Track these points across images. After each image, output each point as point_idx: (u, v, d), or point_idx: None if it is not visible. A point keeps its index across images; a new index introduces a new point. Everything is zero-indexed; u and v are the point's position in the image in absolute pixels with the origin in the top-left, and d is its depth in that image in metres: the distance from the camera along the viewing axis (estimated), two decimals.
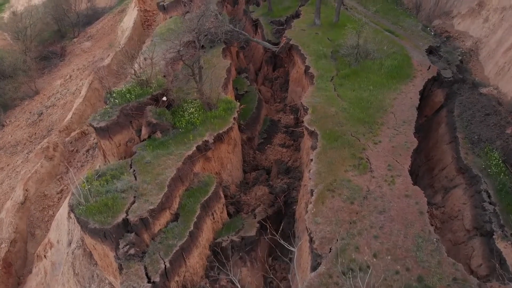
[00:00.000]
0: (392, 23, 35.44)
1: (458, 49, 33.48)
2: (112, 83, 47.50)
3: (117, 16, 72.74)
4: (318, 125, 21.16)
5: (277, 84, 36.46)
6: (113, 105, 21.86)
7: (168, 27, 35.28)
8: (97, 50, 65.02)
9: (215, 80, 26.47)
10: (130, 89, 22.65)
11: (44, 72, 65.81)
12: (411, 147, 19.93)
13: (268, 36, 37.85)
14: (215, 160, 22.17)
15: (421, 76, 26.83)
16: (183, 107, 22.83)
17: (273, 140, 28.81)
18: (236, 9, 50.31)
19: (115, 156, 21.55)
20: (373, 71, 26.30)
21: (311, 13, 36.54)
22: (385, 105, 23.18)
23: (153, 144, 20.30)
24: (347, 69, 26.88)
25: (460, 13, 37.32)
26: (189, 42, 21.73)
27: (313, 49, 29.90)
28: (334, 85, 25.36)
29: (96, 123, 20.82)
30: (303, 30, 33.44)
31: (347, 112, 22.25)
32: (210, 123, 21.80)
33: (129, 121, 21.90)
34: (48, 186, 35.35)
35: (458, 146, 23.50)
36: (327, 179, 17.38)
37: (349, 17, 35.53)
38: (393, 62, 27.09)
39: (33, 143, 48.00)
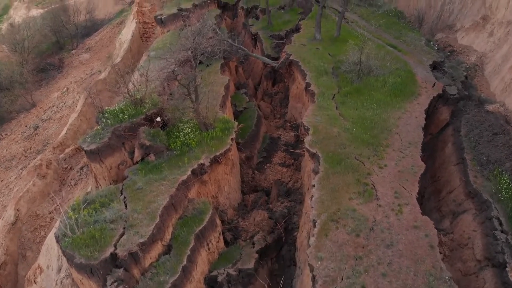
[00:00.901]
0: (395, 37, 34.62)
1: (463, 64, 32.61)
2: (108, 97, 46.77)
3: (116, 28, 72.29)
4: (320, 147, 20.11)
5: (276, 100, 35.53)
6: (105, 125, 20.86)
7: (166, 41, 34.52)
8: (95, 62, 64.38)
9: (213, 98, 25.56)
10: (123, 108, 21.68)
11: (42, 84, 65.11)
12: (418, 171, 18.86)
13: (267, 50, 37.05)
14: (211, 183, 21.10)
15: (426, 94, 25.87)
16: (178, 127, 21.83)
17: (273, 159, 27.74)
18: (235, 22, 49.70)
19: (106, 179, 20.48)
20: (376, 89, 25.35)
21: (311, 27, 35.77)
22: (389, 125, 22.16)
23: (146, 168, 19.25)
24: (349, 86, 25.94)
25: (463, 26, 36.55)
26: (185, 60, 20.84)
27: (313, 65, 29.00)
28: (336, 103, 24.38)
29: (87, 145, 19.80)
30: (303, 45, 32.61)
31: (350, 133, 21.22)
32: (206, 144, 20.76)
33: (122, 143, 20.89)
34: (40, 206, 34.21)
35: (466, 168, 22.42)
36: (331, 208, 16.28)
37: (350, 32, 34.71)
38: (396, 79, 26.16)
39: (28, 158, 47.00)
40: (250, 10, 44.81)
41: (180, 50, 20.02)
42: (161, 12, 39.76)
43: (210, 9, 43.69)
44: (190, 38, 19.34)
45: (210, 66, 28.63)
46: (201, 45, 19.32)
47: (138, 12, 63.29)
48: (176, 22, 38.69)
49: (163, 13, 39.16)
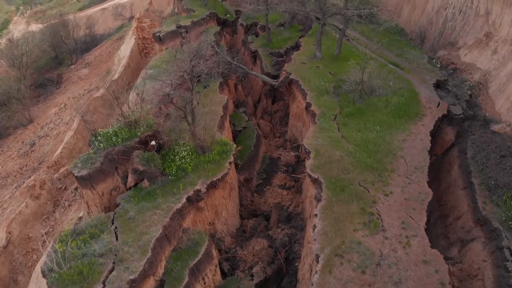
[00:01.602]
0: (396, 55, 34.07)
1: (466, 82, 31.93)
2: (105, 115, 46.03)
3: (115, 43, 72.19)
4: (322, 172, 19.21)
5: (276, 118, 34.78)
6: (97, 149, 19.99)
7: (163, 59, 33.93)
8: (94, 78, 64.00)
9: (211, 118, 24.78)
10: (117, 131, 20.84)
11: (40, 99, 64.61)
12: (425, 199, 17.91)
13: (267, 68, 36.48)
14: (208, 209, 20.13)
15: (430, 114, 25.08)
16: (174, 150, 20.96)
17: (273, 181, 26.81)
18: (234, 39, 49.33)
19: (98, 206, 19.52)
20: (379, 109, 24.57)
21: (311, 45, 35.24)
22: (394, 148, 21.30)
23: (139, 194, 18.31)
24: (351, 106, 25.17)
25: (466, 44, 36.00)
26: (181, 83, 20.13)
27: (314, 84, 28.31)
28: (338, 124, 23.57)
29: (77, 171, 18.89)
30: (304, 63, 32.00)
31: (353, 157, 20.34)
32: (203, 169, 19.86)
33: (115, 167, 19.98)
34: (33, 228, 33.12)
35: (474, 194, 21.45)
36: (335, 241, 15.28)
37: (351, 49, 34.17)
38: (400, 99, 25.41)
39: (23, 176, 46.08)
40: (250, 27, 44.46)
41: (176, 72, 19.31)
42: (160, 29, 39.32)
43: (209, 26, 43.35)
44: (186, 59, 18.62)
45: (208, 85, 27.83)
46: (198, 67, 18.61)
47: (137, 27, 63.21)
48: (175, 39, 38.20)
49: (161, 30, 38.70)
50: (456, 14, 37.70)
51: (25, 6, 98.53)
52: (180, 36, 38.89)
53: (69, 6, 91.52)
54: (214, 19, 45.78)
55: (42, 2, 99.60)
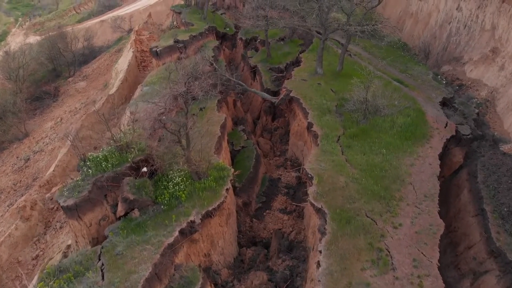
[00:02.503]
0: (400, 71, 33.02)
1: (473, 100, 30.83)
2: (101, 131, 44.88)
3: (114, 56, 71.40)
4: (326, 201, 17.94)
5: (276, 135, 33.59)
6: (85, 176, 18.74)
7: (160, 75, 32.86)
8: (92, 91, 63.05)
9: (208, 139, 23.56)
10: (108, 155, 19.61)
11: (36, 113, 63.56)
12: (438, 232, 16.60)
13: (267, 83, 35.42)
14: (203, 240, 18.79)
15: (438, 136, 23.88)
16: (167, 176, 19.69)
17: (273, 204, 25.49)
18: (234, 53, 48.45)
19: (85, 237, 18.20)
20: (385, 130, 23.39)
21: (312, 60, 34.23)
22: (401, 174, 20.05)
23: (129, 226, 17.00)
24: (354, 127, 23.99)
25: (471, 59, 35.00)
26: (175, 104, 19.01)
27: (315, 102, 27.18)
28: (342, 146, 22.35)
29: (63, 200, 17.61)
30: (304, 80, 30.93)
31: (358, 183, 19.07)
32: (198, 197, 18.57)
33: (104, 195, 18.71)
34: (23, 251, 31.69)
35: (487, 222, 20.16)
36: (341, 282, 13.95)
37: (354, 65, 33.11)
38: (406, 119, 24.25)
39: (17, 192, 44.76)
40: (249, 41, 43.56)
41: (169, 95, 18.21)
42: (157, 44, 38.38)
43: (208, 40, 42.43)
44: (181, 81, 17.49)
45: (204, 107, 26.60)
46: (193, 90, 17.48)
47: (136, 40, 62.49)
48: (172, 54, 37.23)
49: (158, 45, 37.75)
50: (460, 28, 36.78)
51: (24, 18, 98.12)
52: (178, 51, 37.94)
53: (68, 18, 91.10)
54: (213, 33, 44.91)
55: (41, 13, 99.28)
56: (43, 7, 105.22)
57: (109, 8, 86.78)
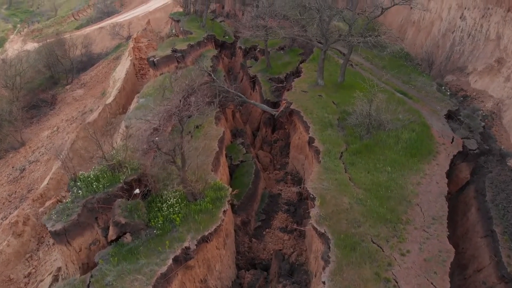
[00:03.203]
0: (403, 82, 32.17)
1: (479, 112, 29.94)
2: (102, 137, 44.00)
3: (112, 63, 70.67)
4: (330, 225, 16.96)
5: (276, 148, 32.65)
6: (75, 197, 17.79)
7: (157, 86, 31.99)
8: (89, 99, 62.26)
9: (205, 155, 22.68)
10: (99, 175, 18.67)
11: (33, 121, 62.72)
12: (447, 260, 15.62)
13: (266, 94, 34.57)
14: (199, 265, 17.78)
15: (445, 152, 22.95)
16: (162, 197, 18.74)
17: (273, 222, 24.49)
18: (233, 61, 47.68)
19: (74, 263, 17.21)
20: (389, 146, 22.45)
21: (313, 71, 33.41)
22: (407, 194, 19.09)
23: (120, 252, 16.02)
24: (358, 142, 23.06)
25: (476, 69, 34.16)
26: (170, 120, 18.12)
27: (317, 115, 26.29)
28: (345, 164, 21.40)
29: (51, 224, 16.65)
30: (305, 91, 30.06)
31: (363, 205, 18.11)
32: (193, 220, 17.59)
33: (94, 218, 17.76)
34: (15, 268, 30.60)
35: (497, 245, 19.19)
36: None
37: (355, 76, 32.32)
38: (411, 134, 23.33)
39: (12, 204, 43.80)
40: (249, 50, 42.78)
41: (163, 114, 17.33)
42: (154, 53, 37.56)
43: (206, 49, 41.67)
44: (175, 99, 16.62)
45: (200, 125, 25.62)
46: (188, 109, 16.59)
47: (134, 48, 61.77)
48: (170, 64, 36.42)
49: (156, 54, 36.92)
50: (464, 38, 35.99)
51: (22, 24, 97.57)
52: (176, 60, 37.14)
53: (66, 24, 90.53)
54: (211, 42, 44.18)
55: (40, 20, 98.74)
56: (41, 14, 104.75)
57: (108, 14, 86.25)
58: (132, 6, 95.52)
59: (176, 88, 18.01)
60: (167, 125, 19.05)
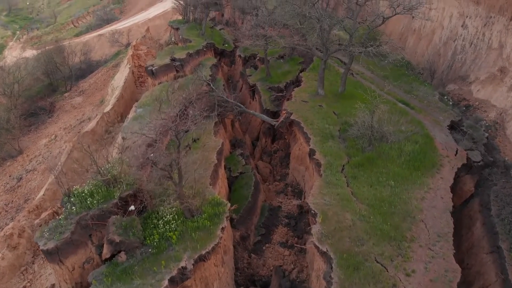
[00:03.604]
0: (405, 92, 31.70)
1: (482, 122, 29.45)
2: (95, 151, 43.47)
3: (111, 71, 70.34)
4: (332, 243, 16.38)
5: (276, 158, 32.10)
6: (69, 213, 17.23)
7: (155, 95, 31.52)
8: (88, 107, 61.86)
9: (203, 168, 22.13)
10: (93, 190, 18.12)
11: (31, 129, 62.26)
12: (454, 280, 15.03)
13: (266, 104, 34.08)
14: (196, 284, 17.16)
15: (449, 165, 22.41)
16: (158, 212, 18.17)
17: (273, 237, 23.90)
18: (232, 69, 47.29)
19: (68, 282, 16.59)
20: (392, 159, 21.92)
21: (313, 80, 32.95)
22: (411, 209, 18.53)
23: (114, 272, 15.43)
24: (360, 155, 22.53)
25: (478, 78, 33.73)
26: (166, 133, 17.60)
27: (317, 126, 25.78)
28: (347, 177, 20.85)
29: (43, 243, 16.07)
30: (305, 101, 29.57)
31: (366, 222, 17.54)
32: (190, 238, 17.01)
33: (88, 235, 17.19)
34: (10, 282, 29.92)
35: (503, 262, 18.60)
36: None
37: (356, 86, 31.88)
38: (414, 146, 22.79)
39: (8, 214, 43.22)
40: (248, 59, 42.37)
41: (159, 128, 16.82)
42: (152, 62, 37.16)
43: (206, 57, 41.28)
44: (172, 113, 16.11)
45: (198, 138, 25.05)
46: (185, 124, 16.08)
47: (133, 55, 61.46)
48: (169, 73, 35.99)
49: (154, 63, 36.51)
50: (466, 46, 35.61)
51: (21, 31, 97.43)
52: (175, 69, 36.73)
53: (66, 31, 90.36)
54: (211, 50, 43.80)
55: (39, 27, 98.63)
56: (41, 20, 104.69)
57: (107, 22, 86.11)
58: (131, 13, 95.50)
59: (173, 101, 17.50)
60: (163, 139, 18.53)
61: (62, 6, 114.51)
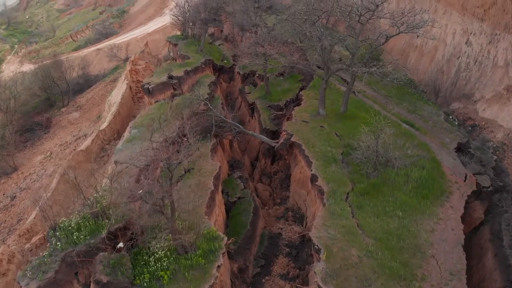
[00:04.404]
0: (409, 111, 30.70)
1: (489, 143, 28.42)
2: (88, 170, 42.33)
3: (109, 86, 69.60)
4: (337, 284, 15.14)
5: (276, 180, 30.92)
6: (54, 249, 16.00)
7: (151, 115, 30.52)
8: (84, 123, 60.96)
9: (198, 194, 20.98)
10: (81, 223, 16.91)
11: (27, 145, 61.29)
12: None
13: (265, 123, 33.11)
14: None
15: (458, 192, 21.24)
16: (149, 248, 16.91)
17: (273, 268, 22.55)
18: (231, 86, 46.47)
19: None
20: (399, 186, 20.76)
21: (314, 99, 32.01)
22: (421, 243, 17.32)
23: None
24: (365, 181, 21.38)
25: (484, 97, 32.77)
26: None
27: (319, 149, 24.69)
28: (352, 206, 19.66)
29: (26, 283, 14.83)
30: (306, 121, 28.55)
31: (374, 258, 16.31)
32: (183, 278, 15.74)
33: (74, 273, 15.94)
34: None
35: None
36: None
37: (358, 105, 30.92)
38: (421, 172, 21.66)
39: (0, 235, 41.99)
40: (247, 75, 41.53)
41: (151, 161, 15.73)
42: (149, 80, 36.25)
43: (204, 74, 40.40)
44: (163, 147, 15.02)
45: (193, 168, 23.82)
46: (177, 157, 15.00)
47: (131, 70, 60.72)
48: (166, 91, 35.06)
49: (151, 81, 35.59)
50: (470, 63, 34.74)
51: (20, 45, 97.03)
52: (172, 87, 35.81)
53: (64, 45, 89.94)
54: (209, 67, 43.00)
55: (38, 40, 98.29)
56: (40, 34, 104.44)
57: (106, 36, 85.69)
58: (131, 27, 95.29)
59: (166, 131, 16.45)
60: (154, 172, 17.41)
61: (61, 20, 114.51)
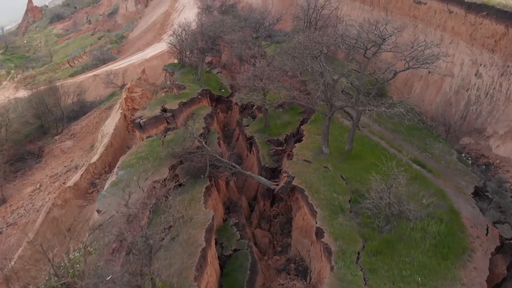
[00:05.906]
0: (419, 149, 28.61)
1: (506, 184, 26.24)
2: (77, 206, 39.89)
3: (104, 113, 67.86)
4: None
5: (277, 225, 28.44)
6: None
7: (140, 154, 28.38)
8: (77, 152, 58.83)
9: (188, 253, 18.59)
10: None
11: (17, 175, 59.07)
12: None
13: (264, 159, 30.94)
14: None
15: (481, 248, 18.85)
16: None
17: None
18: (229, 116, 44.58)
19: None
20: (415, 244, 18.38)
21: (315, 134, 29.97)
22: None
23: None
24: (377, 237, 18.99)
25: (497, 132, 30.76)
26: None
27: (324, 196, 22.42)
28: (363, 270, 17.21)
29: None
30: (308, 161, 26.39)
31: None
32: None
33: None
34: None
35: None
36: None
37: (364, 141, 28.87)
38: (439, 226, 19.32)
39: None
40: (245, 107, 39.67)
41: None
42: (141, 113, 34.28)
43: (200, 105, 38.53)
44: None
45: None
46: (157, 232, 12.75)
47: (127, 98, 59.10)
48: (158, 125, 33.05)
49: (143, 115, 33.61)
50: (481, 96, 32.92)
51: (16, 70, 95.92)
52: (165, 121, 33.83)
53: (61, 71, 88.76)
54: (206, 97, 41.17)
55: (35, 66, 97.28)
56: (37, 59, 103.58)
57: (104, 61, 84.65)
58: (129, 53, 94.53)
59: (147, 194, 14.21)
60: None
61: (59, 45, 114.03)
